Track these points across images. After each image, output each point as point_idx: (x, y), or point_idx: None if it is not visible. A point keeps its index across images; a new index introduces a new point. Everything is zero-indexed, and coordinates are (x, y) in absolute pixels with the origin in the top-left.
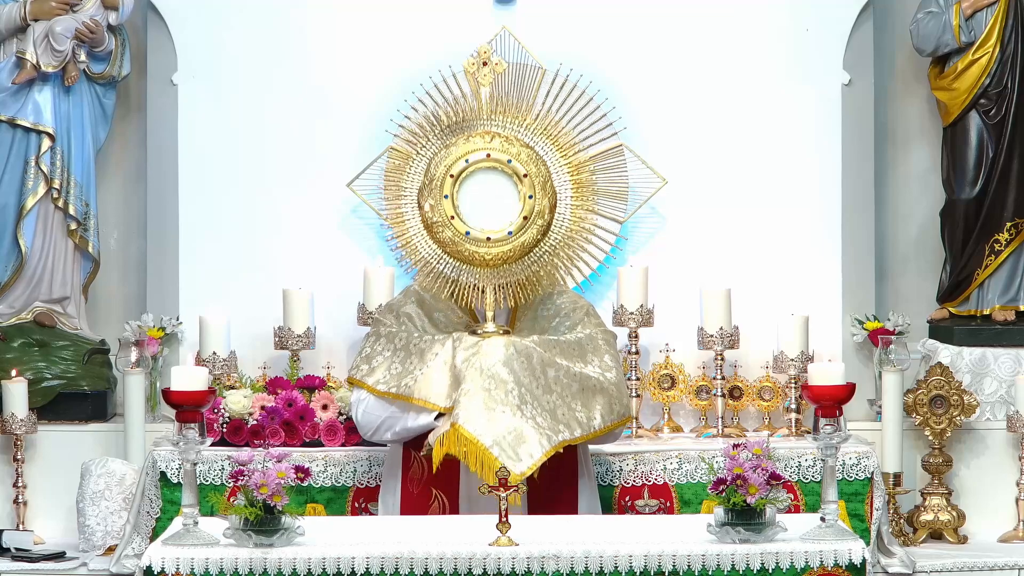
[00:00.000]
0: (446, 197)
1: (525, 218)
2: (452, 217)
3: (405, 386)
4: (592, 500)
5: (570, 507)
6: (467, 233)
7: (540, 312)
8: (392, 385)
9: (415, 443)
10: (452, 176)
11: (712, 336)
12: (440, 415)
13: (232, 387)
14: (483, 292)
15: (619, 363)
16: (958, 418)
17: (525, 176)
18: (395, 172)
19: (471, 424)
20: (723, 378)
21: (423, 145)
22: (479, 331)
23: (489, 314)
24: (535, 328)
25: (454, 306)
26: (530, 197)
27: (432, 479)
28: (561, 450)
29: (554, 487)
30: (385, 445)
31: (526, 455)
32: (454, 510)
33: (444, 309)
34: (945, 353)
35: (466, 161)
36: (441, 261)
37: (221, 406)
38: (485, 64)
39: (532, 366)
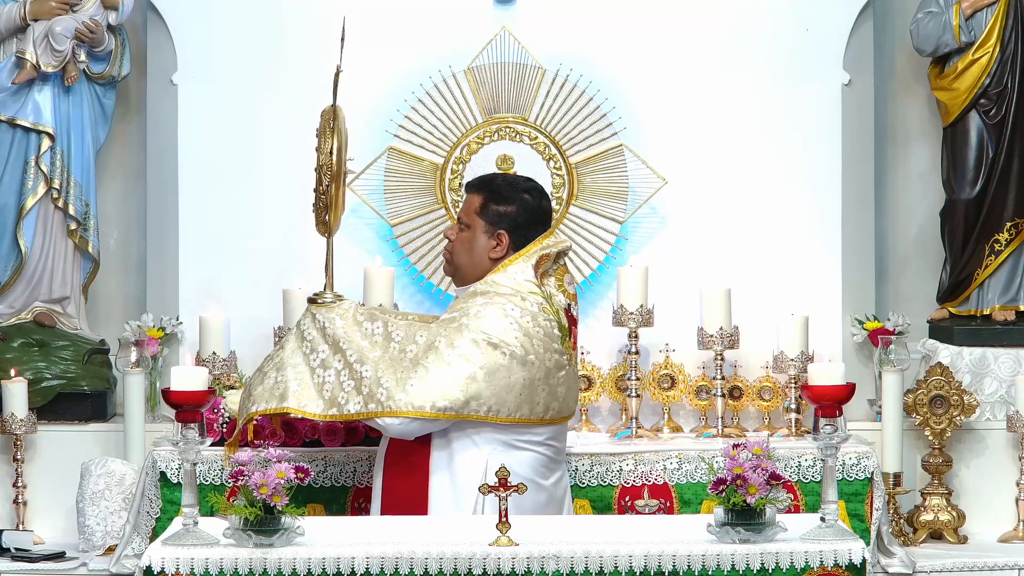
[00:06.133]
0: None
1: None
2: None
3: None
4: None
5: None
6: None
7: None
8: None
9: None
10: None
11: (712, 336)
12: None
13: (232, 387)
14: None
15: (440, 369)
16: (958, 418)
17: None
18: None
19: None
20: (723, 378)
21: None
22: (318, 299)
23: (326, 280)
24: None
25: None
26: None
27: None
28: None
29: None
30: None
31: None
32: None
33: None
34: (945, 353)
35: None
36: None
37: (221, 406)
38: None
39: (324, 336)
